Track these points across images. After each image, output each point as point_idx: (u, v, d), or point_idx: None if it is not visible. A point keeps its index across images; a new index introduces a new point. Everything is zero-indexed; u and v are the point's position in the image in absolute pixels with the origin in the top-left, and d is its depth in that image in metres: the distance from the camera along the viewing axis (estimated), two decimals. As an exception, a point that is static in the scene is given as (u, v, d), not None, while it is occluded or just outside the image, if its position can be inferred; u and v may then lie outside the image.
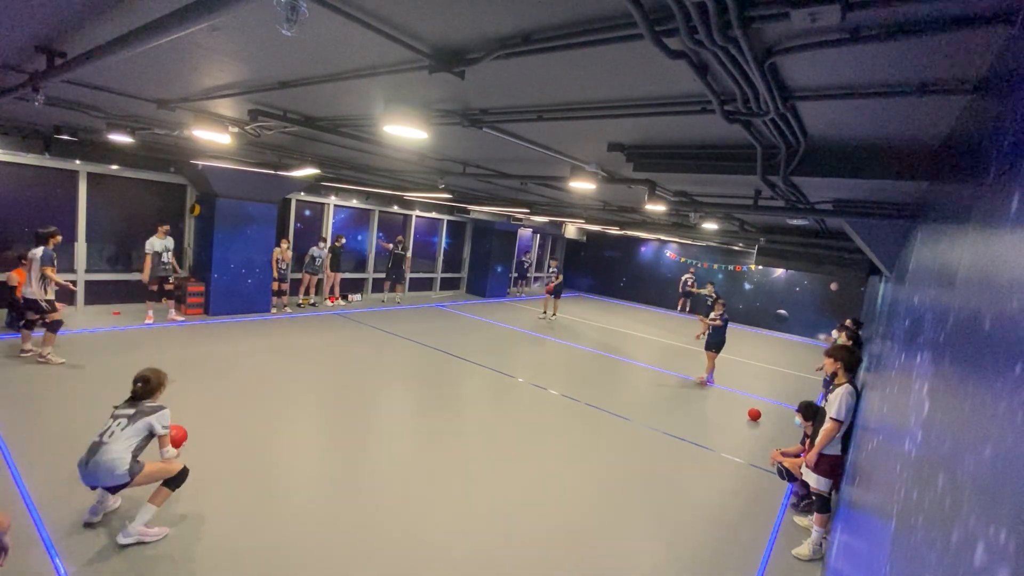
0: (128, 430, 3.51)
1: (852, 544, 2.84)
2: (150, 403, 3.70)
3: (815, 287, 16.62)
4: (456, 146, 5.65)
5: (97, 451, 3.42)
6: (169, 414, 3.73)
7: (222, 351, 8.10)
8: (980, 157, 1.60)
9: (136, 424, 3.54)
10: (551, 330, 13.06)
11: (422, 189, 10.46)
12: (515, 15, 2.15)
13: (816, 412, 5.22)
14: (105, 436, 3.48)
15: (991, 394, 0.98)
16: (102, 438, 3.47)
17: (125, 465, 3.42)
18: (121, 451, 3.43)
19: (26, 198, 8.76)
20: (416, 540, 3.91)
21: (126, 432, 3.50)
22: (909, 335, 2.55)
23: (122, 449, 3.44)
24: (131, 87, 4.38)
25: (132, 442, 3.50)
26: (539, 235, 21.45)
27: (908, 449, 1.79)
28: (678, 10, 1.76)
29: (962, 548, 0.95)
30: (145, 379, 3.74)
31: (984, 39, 1.76)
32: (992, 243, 1.22)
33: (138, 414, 3.59)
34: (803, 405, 5.31)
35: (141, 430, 3.55)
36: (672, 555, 4.15)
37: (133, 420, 3.55)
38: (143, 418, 3.58)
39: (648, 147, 4.43)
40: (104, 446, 3.43)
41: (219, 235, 10.14)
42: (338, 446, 5.43)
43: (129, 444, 3.48)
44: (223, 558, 3.48)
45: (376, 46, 2.66)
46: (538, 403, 7.52)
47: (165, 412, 3.69)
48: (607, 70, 2.69)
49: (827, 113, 2.90)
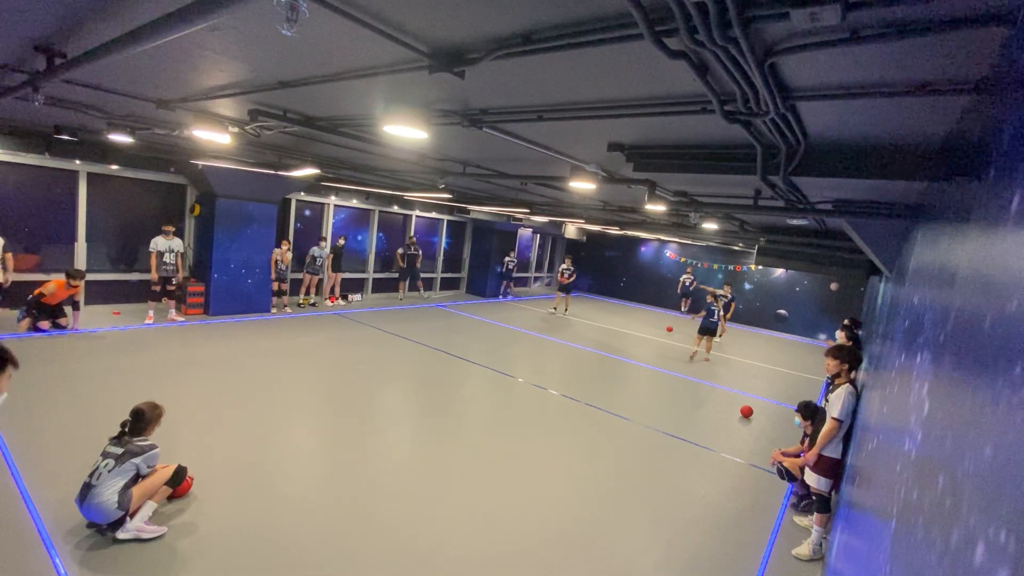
0: (115, 471, 3.44)
1: (852, 544, 2.84)
2: (140, 441, 3.60)
3: (815, 287, 16.62)
4: (456, 146, 5.65)
5: (87, 494, 3.39)
6: (158, 455, 3.65)
7: (222, 351, 8.10)
8: (980, 157, 1.60)
9: (123, 466, 3.47)
10: (552, 330, 13.06)
11: (422, 189, 10.46)
12: (515, 15, 2.15)
13: (815, 412, 5.22)
14: (94, 479, 3.42)
15: (991, 394, 0.98)
16: (91, 479, 3.42)
17: (115, 505, 3.41)
18: (108, 495, 3.39)
19: (26, 198, 8.76)
20: (416, 540, 3.91)
21: (112, 474, 3.43)
22: (909, 335, 2.55)
23: (109, 493, 3.40)
24: (131, 87, 4.38)
25: (118, 483, 3.44)
26: (539, 235, 21.45)
27: (908, 449, 1.79)
28: (678, 10, 1.76)
29: (962, 548, 0.95)
30: (139, 413, 3.64)
31: (984, 39, 1.76)
32: (992, 243, 1.22)
33: (126, 454, 3.50)
34: (802, 405, 5.31)
35: (128, 471, 3.49)
36: (672, 555, 4.14)
37: (120, 461, 3.47)
38: (130, 459, 3.50)
39: (648, 147, 4.43)
40: (93, 489, 3.39)
41: (219, 235, 10.14)
42: (337, 446, 5.43)
43: (115, 486, 3.43)
44: (223, 557, 3.48)
45: (376, 46, 2.66)
46: (538, 403, 7.52)
47: (154, 454, 3.61)
48: (607, 70, 2.69)
49: (827, 113, 2.90)
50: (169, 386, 6.27)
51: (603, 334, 13.46)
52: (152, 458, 3.59)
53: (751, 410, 7.89)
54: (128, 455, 3.51)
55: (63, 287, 7.82)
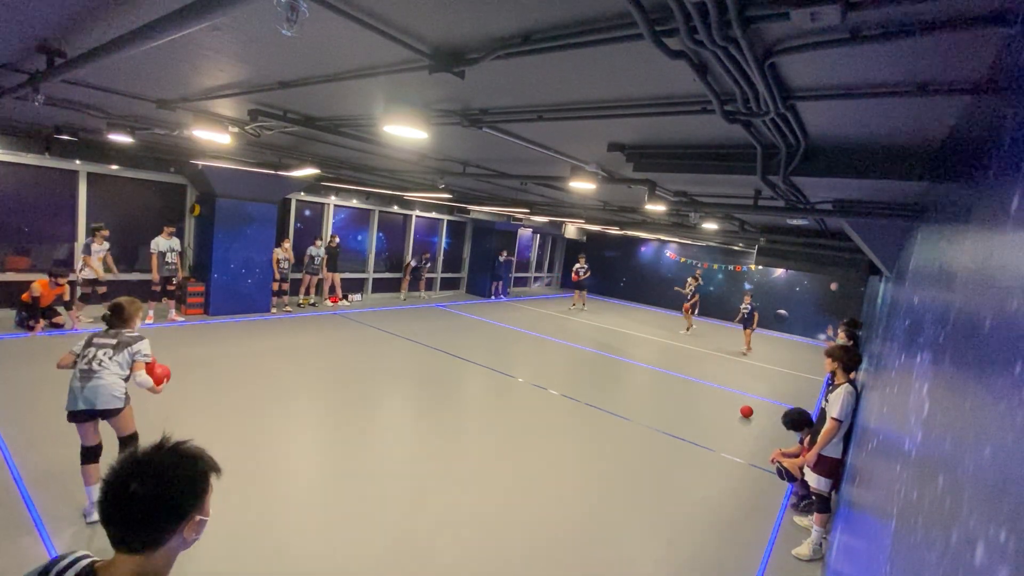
0: (116, 359, 3.59)
1: (852, 544, 2.84)
2: (128, 332, 3.75)
3: (815, 287, 16.62)
4: (456, 146, 5.65)
5: (91, 378, 3.49)
6: (149, 344, 3.77)
7: (222, 351, 8.10)
8: (980, 157, 1.60)
9: (121, 354, 3.61)
10: (552, 330, 13.06)
11: (422, 189, 10.46)
12: (515, 15, 2.15)
13: (805, 421, 5.18)
14: (94, 364, 3.52)
15: (991, 394, 0.98)
16: (91, 365, 3.52)
17: (120, 391, 3.58)
18: (113, 380, 3.55)
19: (26, 198, 8.76)
20: (416, 539, 3.91)
21: (113, 361, 3.58)
22: (909, 335, 2.55)
23: (114, 379, 3.56)
24: (131, 87, 4.38)
25: (121, 372, 3.60)
26: (539, 235, 21.45)
27: (908, 449, 1.79)
28: (678, 10, 1.76)
29: (962, 548, 0.95)
30: (119, 306, 3.77)
31: (984, 39, 1.76)
32: (992, 243, 1.22)
33: (120, 344, 3.64)
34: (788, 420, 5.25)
35: (126, 360, 3.63)
36: (672, 554, 4.14)
37: (118, 350, 3.62)
38: (125, 348, 3.64)
39: (648, 147, 4.43)
40: (96, 373, 3.51)
41: (219, 235, 10.14)
42: (337, 446, 5.43)
43: (118, 373, 3.59)
44: (222, 557, 3.48)
45: (376, 46, 2.66)
46: (538, 403, 7.52)
47: (145, 341, 3.75)
48: (607, 70, 2.69)
49: (827, 113, 2.90)
50: (169, 386, 6.26)
51: (603, 334, 13.46)
52: (145, 345, 3.73)
53: (751, 410, 7.89)
54: (123, 345, 3.65)
55: (47, 286, 7.74)
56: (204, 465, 1.25)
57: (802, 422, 5.19)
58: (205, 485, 1.24)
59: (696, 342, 13.67)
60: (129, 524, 1.12)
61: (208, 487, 1.25)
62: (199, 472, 1.23)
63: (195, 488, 1.20)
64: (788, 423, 5.25)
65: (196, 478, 1.22)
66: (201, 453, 1.26)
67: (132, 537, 1.12)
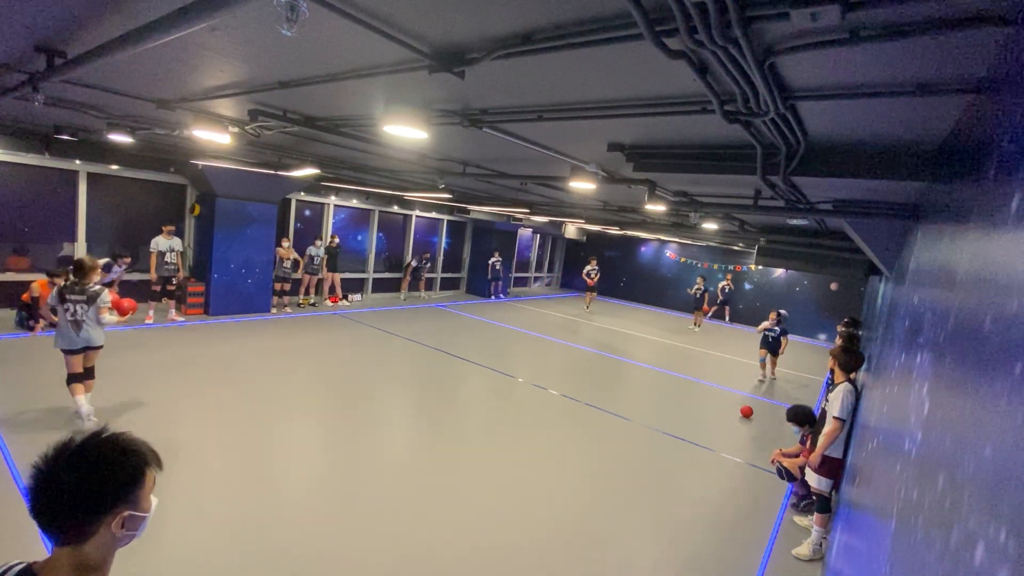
0: (90, 311, 4.86)
1: (852, 544, 2.84)
2: (91, 288, 4.85)
3: (815, 287, 16.62)
4: (456, 146, 5.65)
5: (82, 327, 4.84)
6: (108, 295, 4.97)
7: (222, 351, 8.10)
8: (980, 157, 1.60)
9: (92, 307, 4.85)
10: (553, 330, 13.06)
11: (422, 189, 10.45)
12: (515, 15, 2.15)
13: (808, 417, 5.21)
14: (79, 316, 4.81)
15: (991, 394, 0.98)
16: (78, 318, 4.81)
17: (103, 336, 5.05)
18: (96, 328, 4.94)
19: (26, 198, 8.76)
20: (416, 539, 3.91)
21: (91, 314, 4.86)
22: (909, 335, 2.55)
23: (96, 327, 4.94)
24: (131, 87, 4.38)
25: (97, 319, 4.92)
26: (539, 235, 21.45)
27: (908, 449, 1.79)
28: (678, 10, 1.76)
29: (962, 548, 0.95)
30: (81, 263, 4.85)
31: (984, 39, 1.76)
32: (992, 243, 1.22)
33: (90, 299, 4.83)
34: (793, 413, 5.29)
35: (95, 311, 4.87)
36: (672, 554, 4.15)
37: (90, 304, 4.84)
38: (94, 302, 4.85)
39: (648, 147, 4.43)
40: (85, 324, 4.85)
41: (219, 235, 10.14)
42: (337, 446, 5.43)
43: (96, 321, 4.92)
44: (222, 557, 3.48)
45: (376, 46, 2.66)
46: (538, 403, 7.52)
47: (105, 294, 4.94)
48: (607, 70, 2.69)
49: (827, 113, 2.90)
50: (169, 386, 6.28)
51: (603, 334, 13.46)
52: (105, 298, 4.93)
53: (751, 410, 7.89)
54: (91, 299, 4.84)
55: (46, 286, 7.69)
56: (137, 459, 1.16)
57: (804, 417, 5.21)
58: (136, 479, 1.16)
59: (696, 342, 13.66)
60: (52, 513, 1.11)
61: (141, 482, 1.17)
62: (129, 465, 1.15)
63: (118, 481, 1.13)
64: (791, 415, 5.28)
65: (122, 470, 1.14)
66: (137, 446, 1.18)
67: (55, 528, 1.11)
